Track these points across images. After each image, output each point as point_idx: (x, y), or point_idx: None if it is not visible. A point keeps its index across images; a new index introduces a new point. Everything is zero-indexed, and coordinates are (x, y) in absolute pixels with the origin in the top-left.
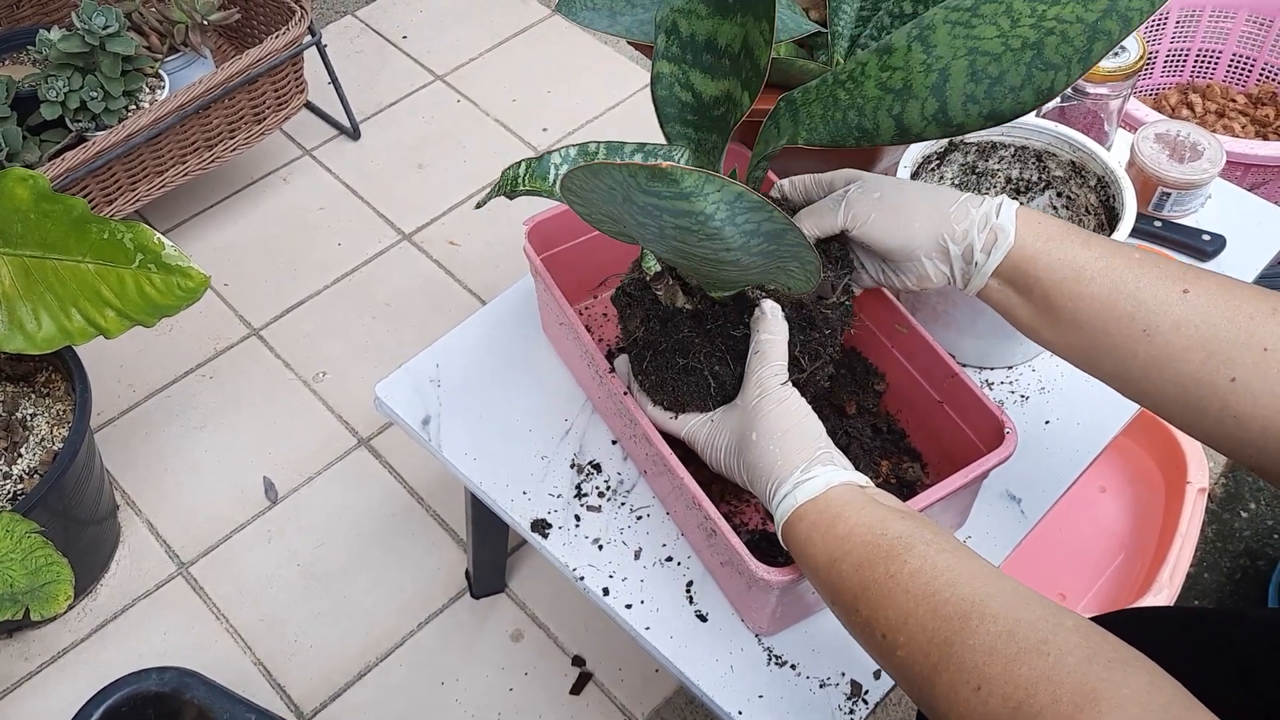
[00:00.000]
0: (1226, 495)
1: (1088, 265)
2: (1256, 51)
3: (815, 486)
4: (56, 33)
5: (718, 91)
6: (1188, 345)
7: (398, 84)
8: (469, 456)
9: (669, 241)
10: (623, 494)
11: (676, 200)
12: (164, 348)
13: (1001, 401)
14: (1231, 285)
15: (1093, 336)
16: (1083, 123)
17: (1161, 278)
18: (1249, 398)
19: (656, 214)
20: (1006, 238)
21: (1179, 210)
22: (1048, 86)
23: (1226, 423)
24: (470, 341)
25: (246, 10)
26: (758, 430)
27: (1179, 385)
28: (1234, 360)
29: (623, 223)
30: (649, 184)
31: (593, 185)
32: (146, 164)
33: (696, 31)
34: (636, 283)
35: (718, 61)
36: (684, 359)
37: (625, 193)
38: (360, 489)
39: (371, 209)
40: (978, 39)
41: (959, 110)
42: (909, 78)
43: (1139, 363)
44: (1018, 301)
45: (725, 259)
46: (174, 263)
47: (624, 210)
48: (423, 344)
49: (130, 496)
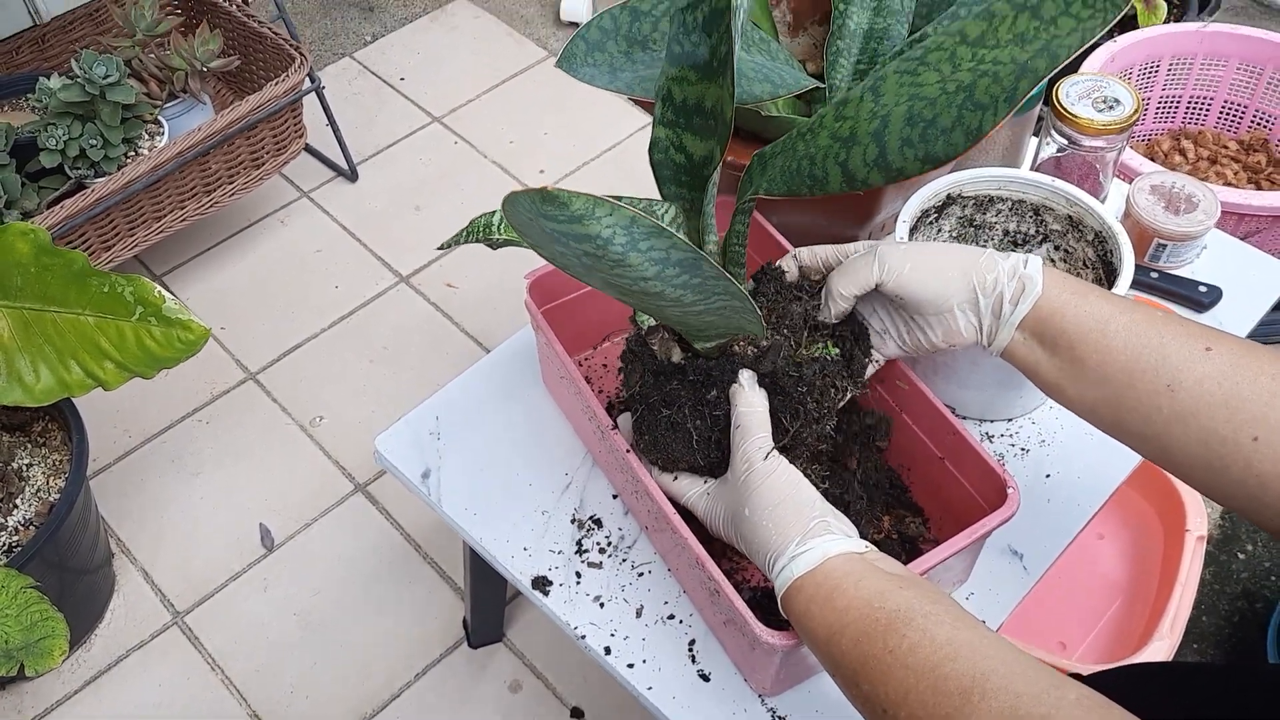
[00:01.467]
0: (1224, 537)
1: (1113, 319)
2: (1248, 99)
3: (811, 559)
4: (57, 81)
5: (705, 151)
6: (1211, 402)
7: (395, 126)
8: (469, 511)
9: (595, 274)
10: (624, 550)
11: (572, 224)
12: (160, 392)
13: (1002, 455)
14: (1252, 346)
15: (1118, 391)
16: (1079, 173)
17: (1184, 335)
18: (1272, 457)
19: (565, 240)
20: (1034, 287)
21: (1175, 261)
22: (976, 126)
23: (1249, 483)
24: (471, 393)
25: (246, 56)
26: (749, 506)
27: (1202, 442)
28: (1257, 418)
29: (556, 257)
30: (544, 207)
31: (517, 218)
32: (145, 210)
33: (688, 96)
34: (639, 339)
35: (706, 123)
36: (669, 411)
37: (536, 222)
38: (357, 535)
39: (369, 251)
40: (920, 85)
41: (897, 155)
42: (855, 126)
43: (1163, 418)
44: (1043, 356)
45: (652, 290)
46: (174, 315)
47: (547, 242)
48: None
49: (125, 544)
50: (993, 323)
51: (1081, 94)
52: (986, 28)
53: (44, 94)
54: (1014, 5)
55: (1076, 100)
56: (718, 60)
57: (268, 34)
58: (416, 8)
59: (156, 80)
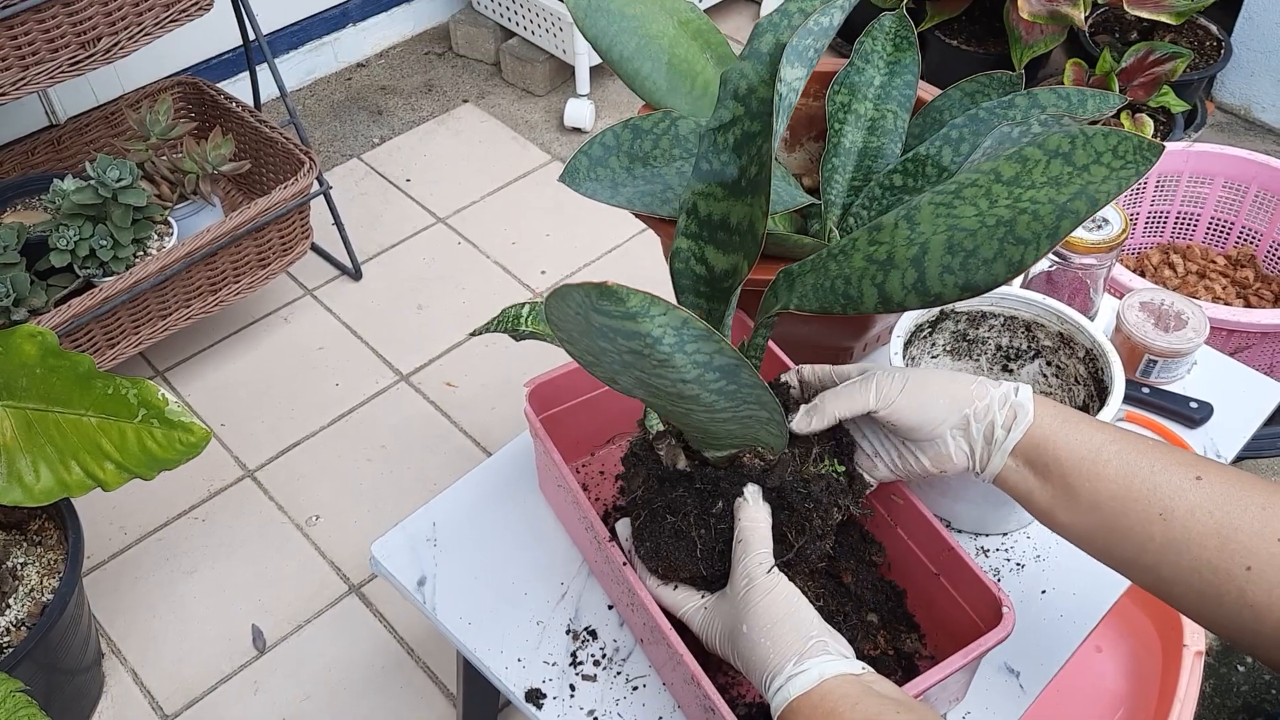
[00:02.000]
0: (1223, 649)
1: (1104, 447)
2: (1234, 215)
3: (808, 680)
4: (71, 183)
5: (728, 265)
6: (1203, 531)
7: (400, 226)
8: (464, 621)
9: (632, 372)
10: (619, 662)
11: (624, 320)
12: (157, 488)
13: (997, 570)
14: (1241, 475)
15: (1110, 519)
16: (1070, 289)
17: (1175, 463)
18: (1265, 587)
19: (611, 336)
20: (1026, 414)
21: (1166, 377)
22: (1018, 259)
23: (1244, 614)
24: (468, 498)
25: (256, 160)
26: (747, 623)
27: (1195, 571)
28: (1249, 549)
29: (594, 353)
30: (599, 302)
31: (563, 310)
32: (151, 309)
33: (713, 212)
34: (643, 443)
35: (729, 238)
36: (673, 517)
37: (586, 315)
38: (350, 639)
39: (370, 349)
40: (958, 218)
41: (936, 281)
42: (893, 250)
43: (1155, 546)
44: (1035, 483)
45: (687, 394)
46: (177, 418)
47: (590, 336)
48: (418, 487)
49: (116, 644)
50: (985, 449)
51: None
52: (1021, 169)
53: (58, 195)
54: (1046, 151)
55: None
56: (746, 180)
57: (278, 139)
58: (424, 112)
59: (168, 182)
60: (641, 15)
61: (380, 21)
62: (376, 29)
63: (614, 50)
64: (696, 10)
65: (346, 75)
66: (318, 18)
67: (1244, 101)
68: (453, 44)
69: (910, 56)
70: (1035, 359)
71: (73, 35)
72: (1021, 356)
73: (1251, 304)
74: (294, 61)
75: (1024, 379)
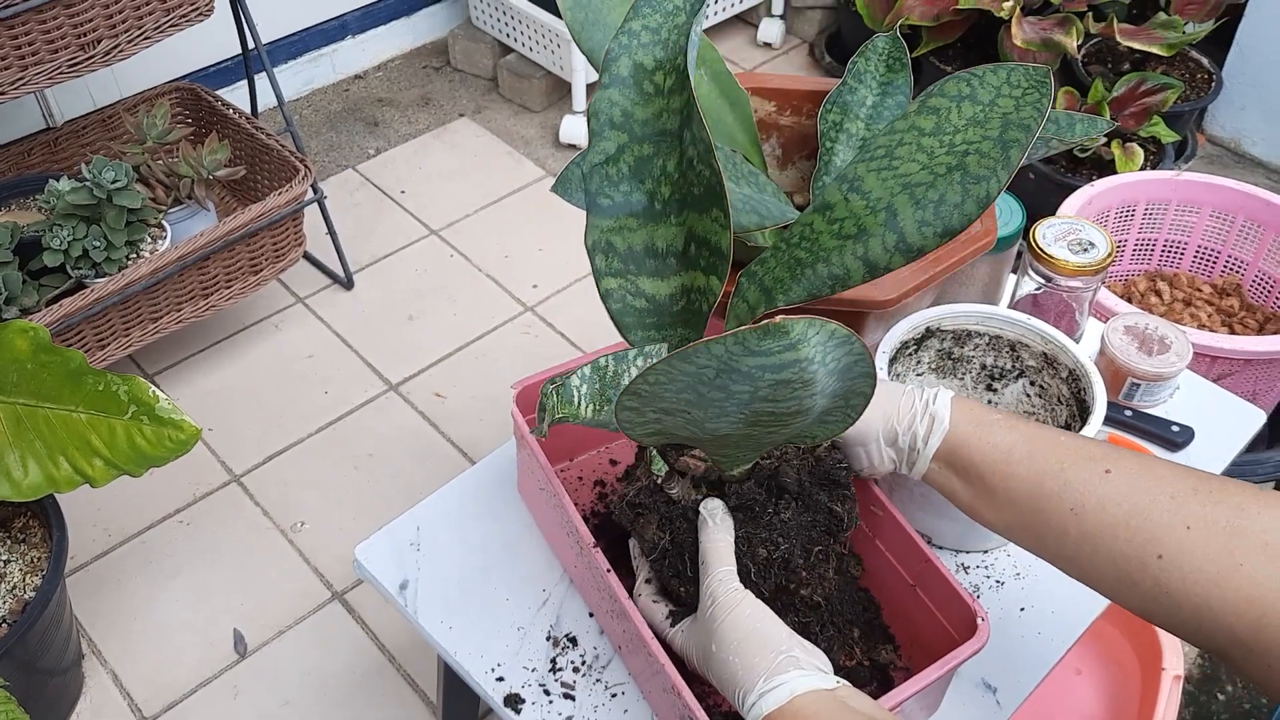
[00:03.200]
0: (1203, 677)
1: (1015, 448)
2: (1220, 245)
3: (779, 696)
4: (66, 183)
5: (672, 289)
6: (1113, 523)
7: (393, 237)
8: (444, 625)
9: (747, 408)
10: (598, 670)
11: (785, 352)
12: (143, 491)
13: (976, 586)
14: (1152, 464)
15: (1028, 515)
16: (1055, 311)
17: (1084, 459)
18: (1178, 575)
19: (757, 377)
20: (942, 424)
21: (1148, 400)
22: (984, 194)
23: (1161, 600)
24: (453, 504)
25: (252, 166)
26: (715, 642)
27: (1111, 562)
28: (1158, 538)
29: (687, 413)
30: (761, 343)
31: (673, 375)
32: (143, 311)
33: (633, 243)
34: (645, 490)
35: (663, 263)
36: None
37: (722, 365)
38: (331, 645)
39: (360, 358)
40: (905, 175)
41: (916, 235)
42: (860, 222)
43: (1072, 540)
44: (958, 485)
45: (803, 408)
46: (167, 415)
47: (703, 393)
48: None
49: (96, 645)
50: (910, 455)
51: (1058, 236)
52: (937, 120)
53: (52, 195)
54: (950, 98)
55: (1053, 242)
56: (660, 202)
57: (274, 146)
58: (420, 124)
59: (163, 186)
60: None
61: (379, 34)
62: (375, 42)
63: None
64: None
65: (344, 86)
66: (317, 29)
67: (1234, 135)
68: (450, 58)
69: (903, 78)
70: (1019, 378)
71: (73, 36)
72: (1006, 376)
73: (1236, 332)
74: (292, 71)
75: (1008, 398)
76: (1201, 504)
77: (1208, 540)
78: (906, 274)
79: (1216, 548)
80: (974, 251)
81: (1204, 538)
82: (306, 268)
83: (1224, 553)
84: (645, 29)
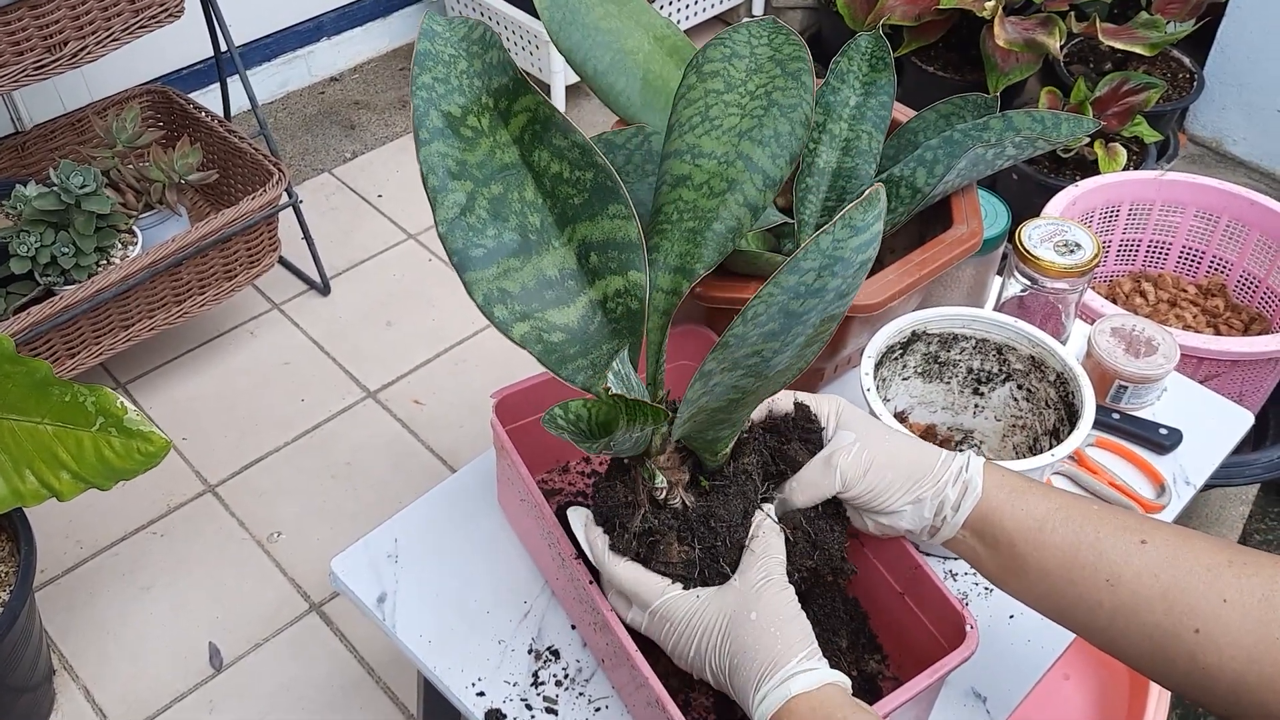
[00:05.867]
0: None
1: (1049, 516)
2: (1205, 245)
3: (811, 680)
4: (33, 189)
5: (582, 310)
6: (1150, 595)
7: (370, 241)
8: (424, 639)
9: (827, 311)
10: (581, 683)
11: (876, 223)
12: (115, 502)
13: (965, 594)
14: (1188, 536)
15: (1060, 586)
16: (1041, 313)
17: (1120, 529)
18: (1214, 649)
19: (851, 261)
20: (974, 491)
21: (1136, 403)
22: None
23: (1195, 675)
24: (431, 515)
25: (225, 170)
26: (758, 610)
27: (1145, 635)
28: (1195, 611)
29: (757, 356)
30: (863, 217)
31: (774, 297)
32: (113, 319)
33: (525, 281)
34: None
35: (562, 288)
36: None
37: (827, 260)
38: (309, 658)
39: (337, 365)
40: (733, 128)
41: (774, 168)
42: (725, 176)
43: (1105, 612)
44: (985, 554)
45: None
46: (135, 427)
47: (794, 310)
48: (381, 505)
49: (68, 660)
50: (936, 523)
51: (1043, 237)
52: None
53: (19, 201)
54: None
55: (1039, 243)
56: (534, 231)
57: (248, 150)
58: (398, 127)
59: (134, 191)
60: (617, 30)
61: (355, 36)
62: (351, 44)
63: (588, 65)
64: (673, 27)
65: (320, 89)
66: (291, 30)
67: (1216, 134)
68: None
69: (886, 77)
70: (1006, 382)
71: (39, 38)
72: (993, 379)
73: (1222, 333)
74: (266, 74)
75: (995, 402)
76: (1237, 576)
77: (1244, 614)
78: (892, 277)
79: (1252, 621)
80: (960, 254)
81: (1240, 612)
82: (282, 273)
83: (1260, 625)
84: (436, 80)
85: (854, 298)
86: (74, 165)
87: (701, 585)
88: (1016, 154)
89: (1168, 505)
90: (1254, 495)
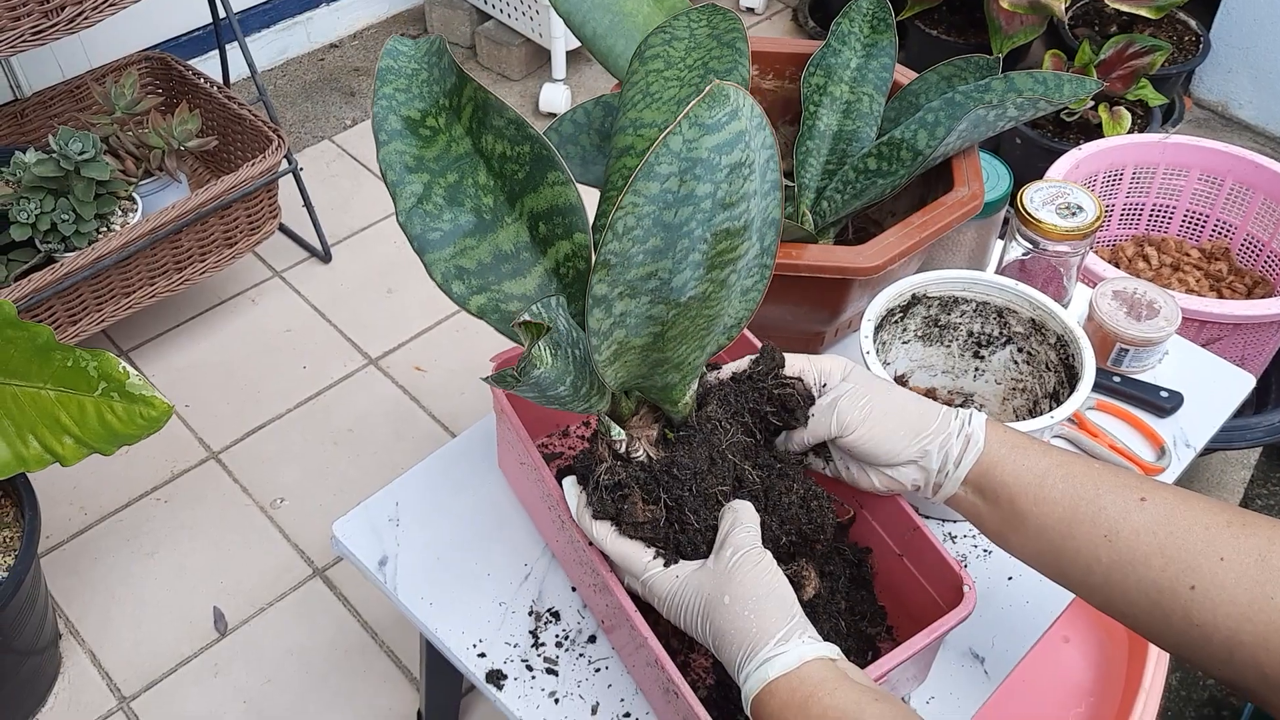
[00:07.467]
0: None
1: (1050, 471)
2: (1209, 208)
3: (788, 661)
4: (32, 155)
5: (538, 280)
6: (1148, 551)
7: (371, 209)
8: (425, 601)
9: (710, 227)
10: (581, 644)
11: (732, 121)
12: (119, 469)
13: (964, 556)
14: (1187, 496)
15: (1058, 541)
16: (1043, 276)
17: (1120, 486)
18: (1209, 606)
19: (715, 164)
20: (977, 445)
21: (1137, 366)
22: (742, 78)
23: (1190, 632)
24: (432, 479)
25: (225, 137)
26: (730, 593)
27: (1142, 591)
28: (1192, 568)
29: (654, 277)
30: (710, 113)
31: (640, 208)
32: (114, 286)
33: (481, 257)
34: (612, 469)
35: (517, 261)
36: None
37: (685, 164)
38: (313, 622)
39: (339, 332)
40: (674, 98)
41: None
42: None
43: (1102, 567)
44: (985, 509)
45: (748, 217)
46: (137, 392)
47: (669, 222)
48: (383, 471)
49: (74, 625)
50: (939, 478)
51: (1045, 200)
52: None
53: (18, 168)
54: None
55: (1041, 206)
56: (488, 212)
57: (247, 116)
58: None
59: (133, 158)
60: None
61: (354, 2)
62: (350, 10)
63: (586, 27)
64: None
65: (319, 56)
66: None
67: (1222, 98)
68: (428, 26)
69: (887, 39)
70: (1007, 345)
71: (35, 3)
72: (993, 343)
73: (1225, 296)
74: (266, 40)
75: (995, 365)
76: (1234, 535)
77: (1240, 573)
78: (892, 239)
79: (1248, 580)
80: (960, 216)
81: (1237, 570)
82: (283, 241)
83: (1255, 584)
84: (397, 90)
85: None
86: (73, 132)
87: (675, 553)
88: (1018, 115)
89: (1168, 468)
90: (1255, 459)
